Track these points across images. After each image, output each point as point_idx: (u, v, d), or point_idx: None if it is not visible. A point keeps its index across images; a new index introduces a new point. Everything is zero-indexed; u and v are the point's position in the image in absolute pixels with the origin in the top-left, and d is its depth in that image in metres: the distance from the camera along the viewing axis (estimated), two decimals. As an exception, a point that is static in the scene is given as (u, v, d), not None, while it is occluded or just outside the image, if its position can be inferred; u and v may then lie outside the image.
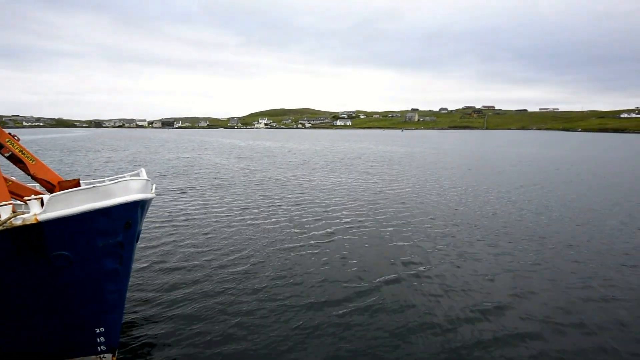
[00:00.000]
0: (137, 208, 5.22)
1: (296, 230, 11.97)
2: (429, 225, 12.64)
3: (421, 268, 8.93)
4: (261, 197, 17.19)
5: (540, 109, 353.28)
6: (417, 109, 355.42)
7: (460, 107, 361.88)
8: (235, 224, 12.67)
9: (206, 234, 11.52)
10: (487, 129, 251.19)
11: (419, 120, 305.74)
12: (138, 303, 7.13)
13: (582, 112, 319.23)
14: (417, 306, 7.12)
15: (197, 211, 14.41)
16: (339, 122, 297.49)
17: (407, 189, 19.73)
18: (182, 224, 12.63)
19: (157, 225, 12.40)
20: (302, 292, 7.65)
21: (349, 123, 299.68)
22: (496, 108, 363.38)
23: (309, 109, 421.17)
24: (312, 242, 10.85)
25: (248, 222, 12.92)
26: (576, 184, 21.78)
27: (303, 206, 15.40)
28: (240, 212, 14.36)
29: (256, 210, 14.58)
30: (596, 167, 30.69)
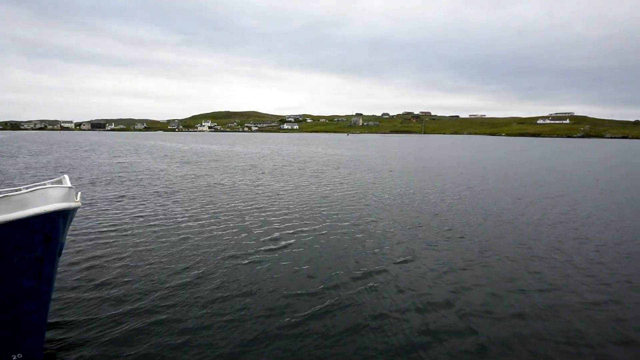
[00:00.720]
0: (58, 219, 4.62)
1: (245, 238, 11.50)
2: (376, 227, 12.93)
3: (370, 269, 9.02)
4: (207, 204, 16.32)
5: (470, 115, 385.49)
6: (362, 114, 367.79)
7: (401, 113, 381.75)
8: (179, 234, 11.80)
9: (144, 246, 10.54)
10: (425, 133, 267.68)
11: (363, 124, 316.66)
12: (63, 325, 6.25)
13: (505, 118, 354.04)
14: (369, 307, 7.13)
15: (133, 221, 13.19)
16: (286, 126, 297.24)
17: (355, 192, 20.11)
18: (116, 235, 11.45)
19: (86, 237, 11.10)
20: (253, 303, 7.28)
21: (296, 127, 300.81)
22: (432, 114, 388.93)
23: (255, 112, 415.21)
24: (262, 249, 10.48)
25: (193, 231, 12.12)
26: (508, 184, 23.95)
27: (252, 212, 14.90)
28: (184, 221, 13.44)
29: (202, 219, 13.77)
30: (529, 169, 34.07)
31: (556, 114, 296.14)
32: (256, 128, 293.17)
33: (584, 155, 56.05)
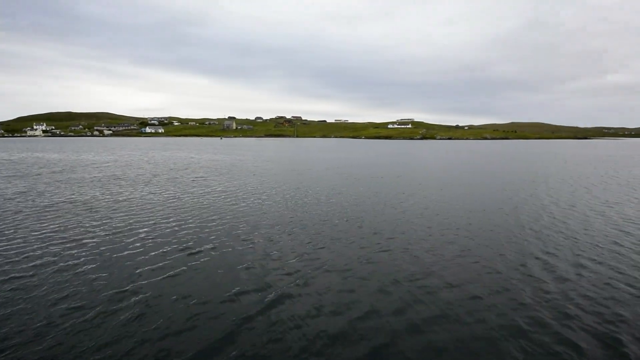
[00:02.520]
0: None
1: (115, 265, 9.89)
2: (266, 234, 12.92)
3: (258, 277, 9.01)
4: (56, 230, 13.31)
5: (335, 120, 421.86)
6: (235, 117, 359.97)
7: (274, 117, 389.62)
8: (17, 270, 9.32)
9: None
10: (297, 136, 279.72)
11: (237, 128, 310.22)
12: None
13: (364, 123, 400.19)
14: (255, 317, 7.12)
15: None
16: (148, 129, 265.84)
17: (239, 199, 19.58)
18: None
19: None
20: (103, 344, 6.35)
21: (160, 130, 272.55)
22: (303, 118, 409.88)
23: (108, 113, 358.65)
24: (140, 271, 9.20)
25: (35, 266, 9.75)
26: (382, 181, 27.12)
27: (121, 234, 12.83)
28: (25, 258, 10.67)
29: (51, 247, 11.19)
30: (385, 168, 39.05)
31: (401, 119, 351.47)
32: (110, 132, 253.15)
33: (426, 153, 68.36)
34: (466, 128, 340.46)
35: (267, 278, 8.97)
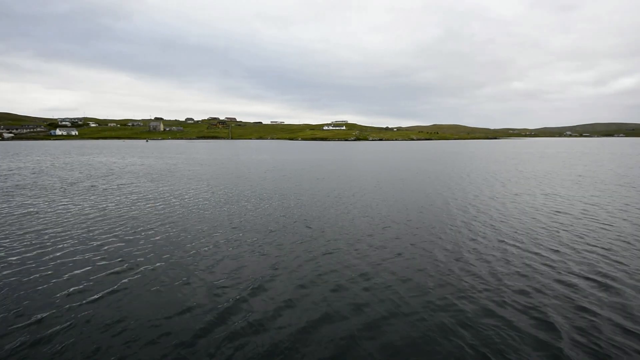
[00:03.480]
0: None
1: (25, 292, 8.56)
2: (207, 242, 12.26)
3: (197, 283, 8.55)
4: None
5: (271, 121, 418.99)
6: (162, 118, 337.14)
7: (206, 118, 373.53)
8: None
9: None
10: (232, 138, 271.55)
11: (165, 130, 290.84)
12: None
13: (300, 124, 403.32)
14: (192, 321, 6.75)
15: None
16: (59, 132, 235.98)
17: (174, 206, 18.31)
18: None
19: None
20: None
21: (74, 132, 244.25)
22: (238, 120, 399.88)
23: (8, 114, 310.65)
24: (59, 296, 8.08)
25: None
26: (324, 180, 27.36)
27: (32, 255, 11.15)
28: None
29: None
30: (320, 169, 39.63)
31: (336, 121, 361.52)
32: (11, 135, 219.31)
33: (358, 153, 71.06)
34: (395, 130, 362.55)
35: (213, 289, 8.43)
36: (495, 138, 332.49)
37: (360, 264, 10.00)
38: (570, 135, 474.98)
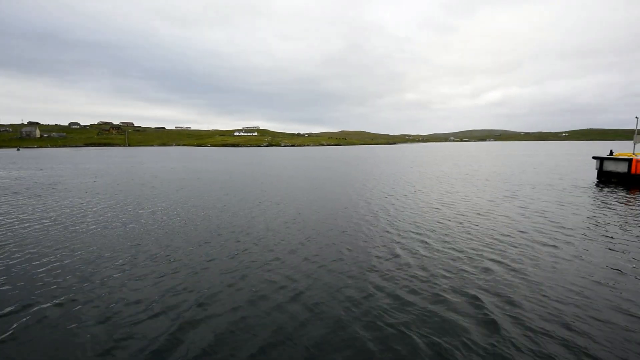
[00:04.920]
0: None
1: None
2: (111, 265, 10.61)
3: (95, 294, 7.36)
4: None
5: (176, 127, 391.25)
6: (39, 123, 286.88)
7: (97, 123, 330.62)
8: None
9: None
10: (129, 145, 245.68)
11: (42, 136, 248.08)
12: None
13: (209, 130, 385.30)
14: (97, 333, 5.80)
15: None
16: None
17: (67, 225, 15.48)
18: None
19: None
20: None
21: None
22: (136, 125, 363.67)
23: None
24: None
25: None
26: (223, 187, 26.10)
27: None
28: None
29: None
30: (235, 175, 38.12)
31: (248, 127, 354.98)
32: None
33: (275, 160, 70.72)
34: (306, 136, 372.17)
35: (119, 320, 7.16)
36: (395, 143, 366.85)
37: (287, 272, 9.65)
38: (453, 140, 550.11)
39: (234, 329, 6.80)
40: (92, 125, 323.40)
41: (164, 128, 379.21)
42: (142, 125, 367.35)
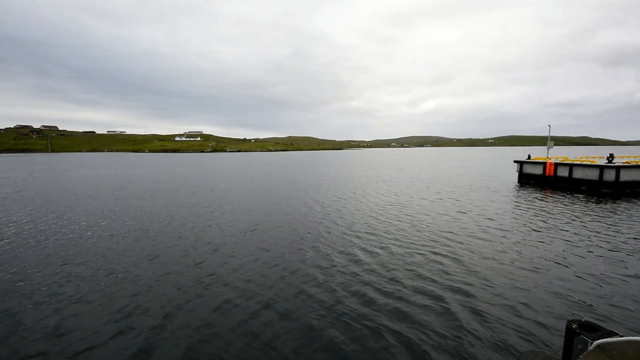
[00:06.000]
0: None
1: None
2: (52, 281, 9.68)
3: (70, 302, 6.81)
4: None
5: (108, 131, 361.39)
6: None
7: (13, 127, 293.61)
8: None
9: None
10: (53, 152, 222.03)
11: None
12: None
13: (147, 135, 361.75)
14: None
15: None
16: None
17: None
18: None
19: None
20: None
21: None
22: (60, 129, 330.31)
23: None
24: None
25: None
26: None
27: None
28: None
29: None
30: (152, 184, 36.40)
31: (190, 132, 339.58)
32: None
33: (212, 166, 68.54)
34: (253, 141, 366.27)
35: (65, 334, 6.57)
36: (341, 149, 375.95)
37: (240, 281, 9.56)
38: (395, 146, 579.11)
39: (206, 339, 6.59)
40: (8, 129, 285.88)
41: (94, 132, 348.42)
42: (68, 130, 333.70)
